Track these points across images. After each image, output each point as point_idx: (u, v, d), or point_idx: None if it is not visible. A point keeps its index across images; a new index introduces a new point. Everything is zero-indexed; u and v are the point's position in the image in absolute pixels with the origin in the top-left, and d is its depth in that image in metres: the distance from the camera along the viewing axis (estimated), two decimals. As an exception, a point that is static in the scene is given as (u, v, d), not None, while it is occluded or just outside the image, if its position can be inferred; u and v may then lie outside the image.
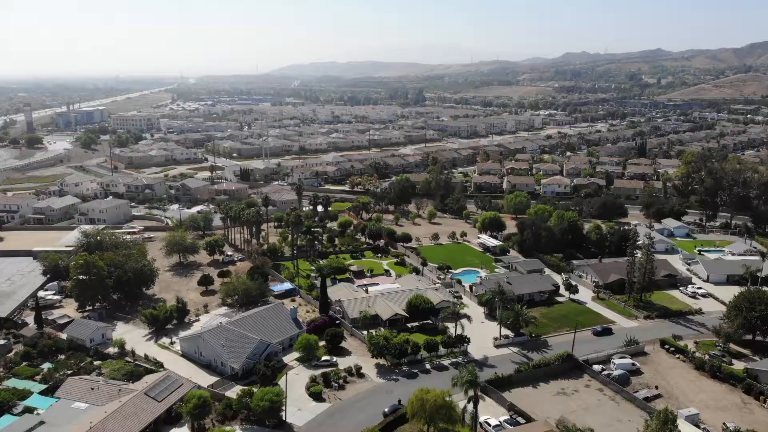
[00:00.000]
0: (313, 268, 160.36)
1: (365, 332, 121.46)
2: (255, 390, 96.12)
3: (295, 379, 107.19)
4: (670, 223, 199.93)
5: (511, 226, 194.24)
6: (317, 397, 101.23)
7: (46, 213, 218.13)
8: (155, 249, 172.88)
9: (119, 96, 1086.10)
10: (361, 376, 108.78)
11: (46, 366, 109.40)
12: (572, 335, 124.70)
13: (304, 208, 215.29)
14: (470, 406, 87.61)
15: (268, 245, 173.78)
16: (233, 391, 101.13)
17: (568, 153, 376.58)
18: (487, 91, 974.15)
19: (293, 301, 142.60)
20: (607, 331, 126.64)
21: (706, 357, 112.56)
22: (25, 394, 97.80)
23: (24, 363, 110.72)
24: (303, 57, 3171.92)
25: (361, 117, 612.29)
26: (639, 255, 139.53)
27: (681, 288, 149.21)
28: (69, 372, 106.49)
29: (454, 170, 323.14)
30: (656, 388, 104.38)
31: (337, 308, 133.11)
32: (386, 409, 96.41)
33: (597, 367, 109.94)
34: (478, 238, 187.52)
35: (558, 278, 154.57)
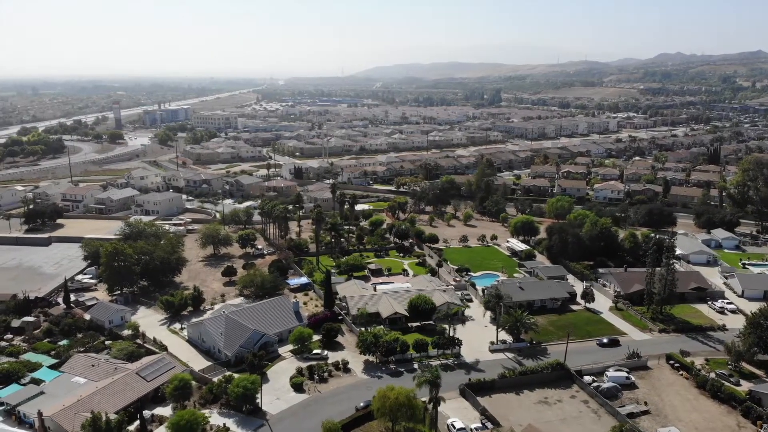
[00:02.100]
0: (335, 264, 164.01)
1: (362, 329, 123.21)
2: (236, 376, 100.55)
3: (283, 369, 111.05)
4: (719, 233, 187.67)
5: (544, 231, 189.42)
6: (298, 388, 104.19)
7: (106, 204, 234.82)
8: (194, 240, 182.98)
9: (209, 96, 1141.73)
10: (347, 371, 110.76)
11: (63, 343, 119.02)
12: (575, 344, 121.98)
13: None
14: (430, 406, 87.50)
15: (295, 241, 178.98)
16: (224, 377, 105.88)
17: (637, 157, 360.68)
18: (567, 92, 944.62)
19: (306, 294, 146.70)
20: (613, 343, 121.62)
21: (711, 375, 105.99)
22: (35, 367, 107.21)
23: (46, 339, 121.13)
24: (388, 59, 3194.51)
25: (429, 118, 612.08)
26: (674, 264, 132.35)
27: (710, 302, 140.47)
28: (81, 349, 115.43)
29: (508, 172, 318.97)
30: (645, 404, 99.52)
31: (343, 304, 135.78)
32: (362, 404, 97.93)
33: (588, 378, 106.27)
34: (507, 242, 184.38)
35: (581, 286, 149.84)
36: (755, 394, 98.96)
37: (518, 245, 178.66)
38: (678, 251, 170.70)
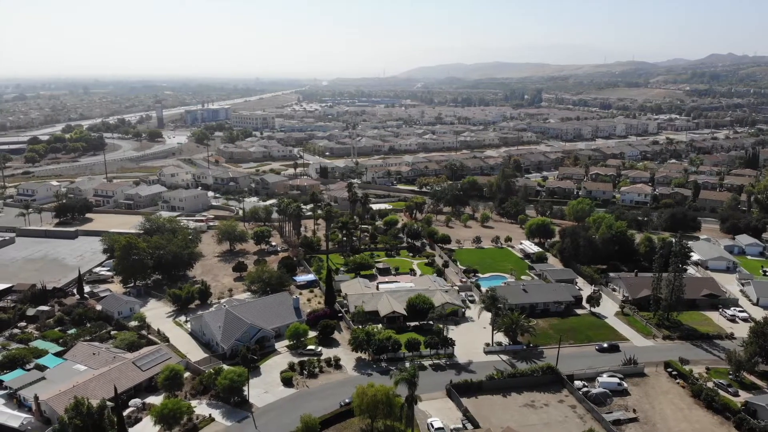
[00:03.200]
0: (344, 262, 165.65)
1: (356, 326, 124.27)
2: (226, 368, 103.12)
3: (276, 364, 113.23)
4: (743, 239, 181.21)
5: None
6: (287, 382, 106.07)
7: (135, 199, 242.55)
8: (211, 236, 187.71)
9: (253, 96, 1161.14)
10: (338, 367, 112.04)
11: (71, 331, 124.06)
12: (573, 349, 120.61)
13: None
14: (405, 405, 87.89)
15: (308, 238, 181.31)
16: (214, 369, 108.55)
17: (673, 160, 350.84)
18: (610, 93, 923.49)
19: (311, 291, 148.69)
20: (613, 348, 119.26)
21: (709, 385, 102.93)
22: (41, 354, 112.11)
23: (57, 328, 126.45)
24: (431, 59, 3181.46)
25: (464, 118, 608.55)
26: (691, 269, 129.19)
27: (721, 309, 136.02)
28: (87, 338, 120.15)
29: (537, 174, 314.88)
30: (633, 411, 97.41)
31: (345, 302, 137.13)
32: (347, 400, 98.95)
33: (579, 383, 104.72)
34: (521, 244, 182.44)
35: (590, 290, 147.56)
36: (751, 405, 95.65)
37: (530, 247, 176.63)
38: (696, 257, 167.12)
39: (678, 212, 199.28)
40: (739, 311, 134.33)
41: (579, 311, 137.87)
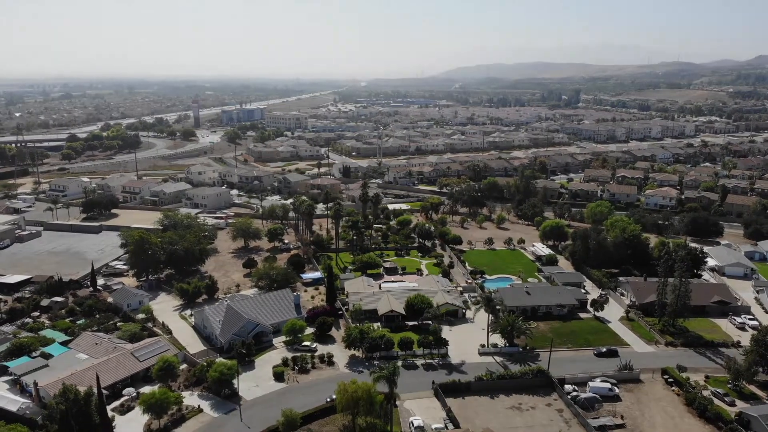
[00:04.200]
0: (352, 260, 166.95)
1: (351, 324, 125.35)
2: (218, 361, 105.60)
3: (271, 359, 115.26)
4: (765, 245, 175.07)
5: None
6: (279, 377, 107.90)
7: (160, 196, 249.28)
8: (226, 233, 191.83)
9: (292, 97, 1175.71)
10: (331, 364, 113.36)
11: (80, 322, 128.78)
12: (571, 353, 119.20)
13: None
14: (385, 402, 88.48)
15: (319, 236, 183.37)
16: (206, 361, 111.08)
17: (706, 163, 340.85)
18: (650, 94, 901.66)
19: (316, 289, 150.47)
20: (611, 353, 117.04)
21: (705, 393, 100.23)
22: (48, 342, 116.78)
23: (68, 318, 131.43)
24: (470, 59, 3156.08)
25: (496, 119, 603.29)
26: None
27: (731, 317, 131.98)
28: (95, 329, 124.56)
29: (564, 175, 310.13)
30: (621, 417, 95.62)
31: (348, 300, 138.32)
32: (334, 396, 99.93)
33: (569, 387, 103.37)
34: (533, 246, 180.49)
35: (597, 294, 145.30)
36: (745, 416, 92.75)
37: (542, 250, 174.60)
38: (713, 262, 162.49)
39: (699, 217, 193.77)
40: (750, 319, 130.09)
41: (583, 315, 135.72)
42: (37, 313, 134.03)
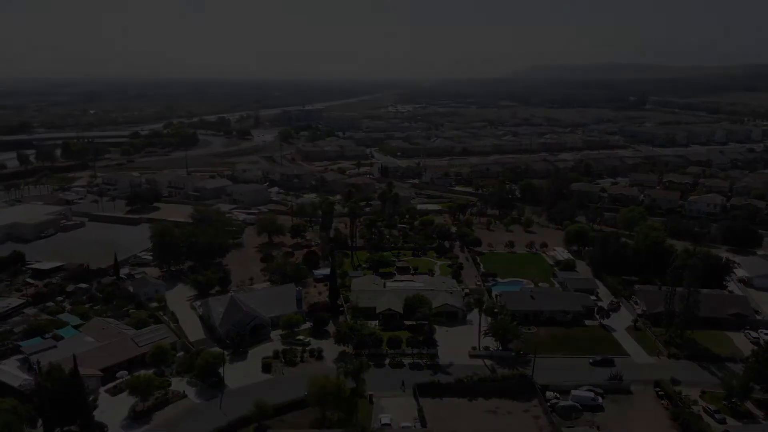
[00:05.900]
0: (367, 258, 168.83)
1: (343, 320, 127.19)
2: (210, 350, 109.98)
3: (264, 351, 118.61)
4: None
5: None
6: (267, 368, 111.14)
7: (201, 192, 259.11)
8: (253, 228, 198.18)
9: (354, 98, 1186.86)
10: (320, 358, 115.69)
11: (97, 308, 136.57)
12: (565, 360, 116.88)
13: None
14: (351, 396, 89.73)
15: (339, 234, 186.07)
16: (197, 350, 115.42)
17: (766, 170, 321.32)
18: (722, 97, 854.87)
19: (325, 285, 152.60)
20: (607, 362, 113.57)
21: (694, 409, 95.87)
22: (62, 325, 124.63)
23: (88, 304, 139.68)
24: (540, 59, 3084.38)
25: (554, 120, 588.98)
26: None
27: (747, 330, 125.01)
28: (109, 315, 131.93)
29: (610, 179, 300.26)
30: (598, 428, 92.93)
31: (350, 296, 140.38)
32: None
33: (550, 394, 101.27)
34: (554, 250, 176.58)
35: (609, 301, 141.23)
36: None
37: (561, 254, 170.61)
38: (742, 273, 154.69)
39: (736, 225, 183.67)
40: (765, 333, 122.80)
41: (589, 322, 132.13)
42: (61, 298, 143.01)
